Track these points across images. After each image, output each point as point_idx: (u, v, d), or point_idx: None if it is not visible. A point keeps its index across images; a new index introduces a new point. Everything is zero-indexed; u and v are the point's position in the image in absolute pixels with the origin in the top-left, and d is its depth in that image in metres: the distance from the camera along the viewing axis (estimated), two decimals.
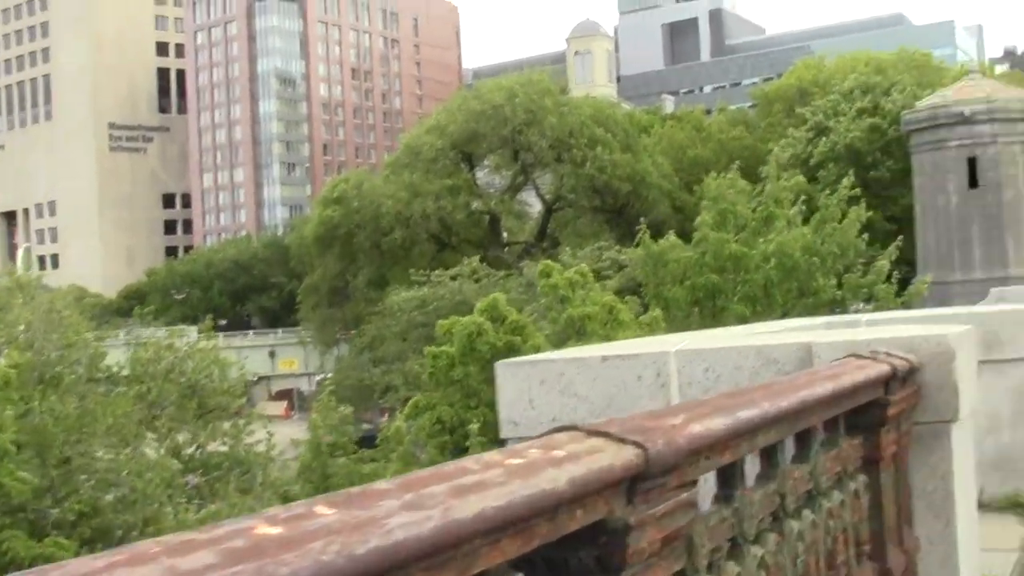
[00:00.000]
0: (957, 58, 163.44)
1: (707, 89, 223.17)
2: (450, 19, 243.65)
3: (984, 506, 10.57)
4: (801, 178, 33.28)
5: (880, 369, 5.85)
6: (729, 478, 4.30)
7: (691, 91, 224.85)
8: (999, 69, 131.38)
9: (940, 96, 64.79)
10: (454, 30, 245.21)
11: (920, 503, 6.58)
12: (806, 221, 30.59)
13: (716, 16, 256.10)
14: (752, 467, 4.68)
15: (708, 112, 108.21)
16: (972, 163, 61.52)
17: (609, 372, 7.15)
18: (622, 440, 3.24)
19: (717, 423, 3.91)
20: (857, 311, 29.05)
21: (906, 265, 68.37)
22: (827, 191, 74.12)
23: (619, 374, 7.12)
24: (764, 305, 26.41)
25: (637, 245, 30.57)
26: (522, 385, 7.23)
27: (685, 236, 31.33)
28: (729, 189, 30.24)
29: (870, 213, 73.24)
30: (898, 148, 69.51)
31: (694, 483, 3.81)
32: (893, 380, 5.96)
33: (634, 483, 3.25)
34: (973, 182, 61.39)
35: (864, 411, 5.82)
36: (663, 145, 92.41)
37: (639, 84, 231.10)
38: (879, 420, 5.89)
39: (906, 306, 29.11)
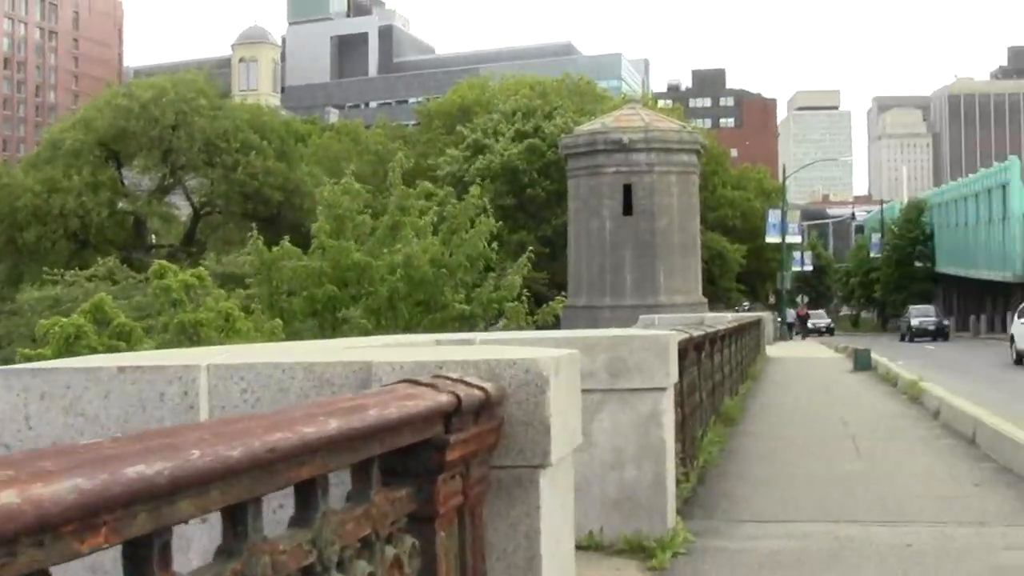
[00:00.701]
0: (622, 90, 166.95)
1: (373, 104, 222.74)
2: (113, 15, 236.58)
3: (604, 548, 9.56)
4: (428, 184, 31.40)
5: (437, 400, 4.31)
6: (139, 563, 2.67)
7: (357, 105, 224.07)
8: (662, 103, 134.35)
9: (599, 123, 65.19)
10: (116, 26, 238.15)
11: (499, 566, 5.13)
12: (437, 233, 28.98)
13: (386, 33, 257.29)
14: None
15: (369, 127, 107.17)
16: (628, 190, 61.97)
17: (126, 387, 5.49)
18: None
19: (63, 489, 2.26)
20: (494, 329, 27.87)
21: (558, 288, 68.58)
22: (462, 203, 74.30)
23: (138, 390, 5.47)
24: (389, 319, 24.88)
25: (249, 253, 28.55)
26: (17, 399, 5.50)
27: None
28: (344, 195, 28.36)
29: (524, 233, 73.76)
30: (556, 171, 69.63)
31: None
32: (458, 414, 4.44)
33: None
34: (628, 209, 61.86)
35: (414, 453, 4.28)
36: (320, 156, 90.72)
37: (304, 95, 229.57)
38: (435, 465, 4.36)
39: (541, 327, 27.99)
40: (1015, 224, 74.17)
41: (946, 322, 79.53)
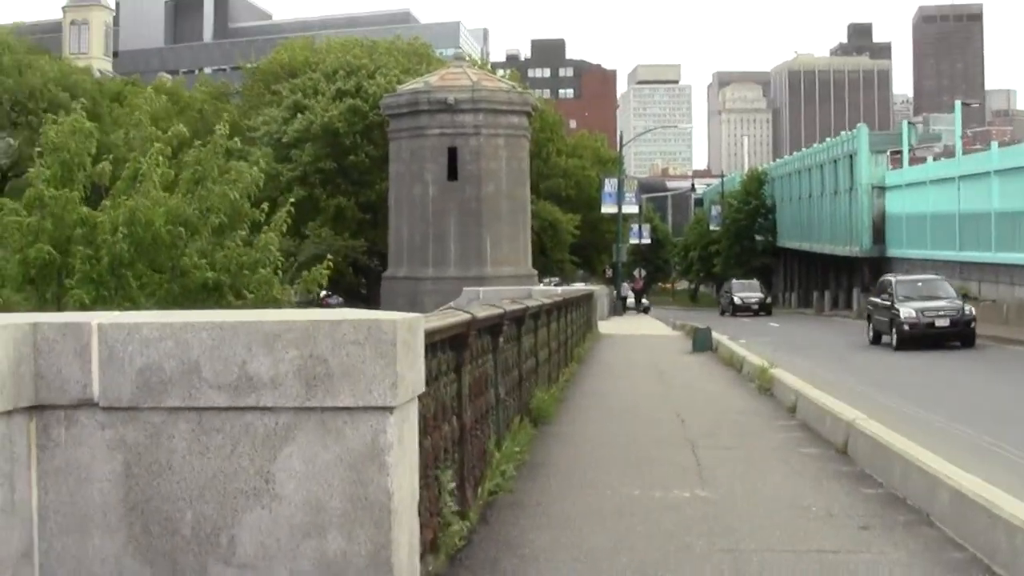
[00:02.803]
0: None
1: (208, 71, 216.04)
2: None
3: None
4: (182, 128, 26.13)
5: None
6: None
7: (191, 71, 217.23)
8: (501, 74, 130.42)
9: (423, 81, 61.24)
10: None
11: None
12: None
13: None
14: None
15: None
16: (452, 154, 58.33)
17: None
18: None
19: None
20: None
21: (379, 257, 64.40)
22: (293, 168, 69.47)
23: None
24: (114, 290, 20.15)
25: None
26: None
27: None
28: (74, 135, 23.36)
29: (344, 199, 69.29)
30: (379, 134, 65.33)
31: None
32: None
33: None
34: (453, 174, 58.26)
35: None
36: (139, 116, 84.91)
37: (138, 60, 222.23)
38: None
39: (304, 303, 23.36)
40: (863, 196, 71.09)
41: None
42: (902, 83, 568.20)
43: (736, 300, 76.81)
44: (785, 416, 18.26)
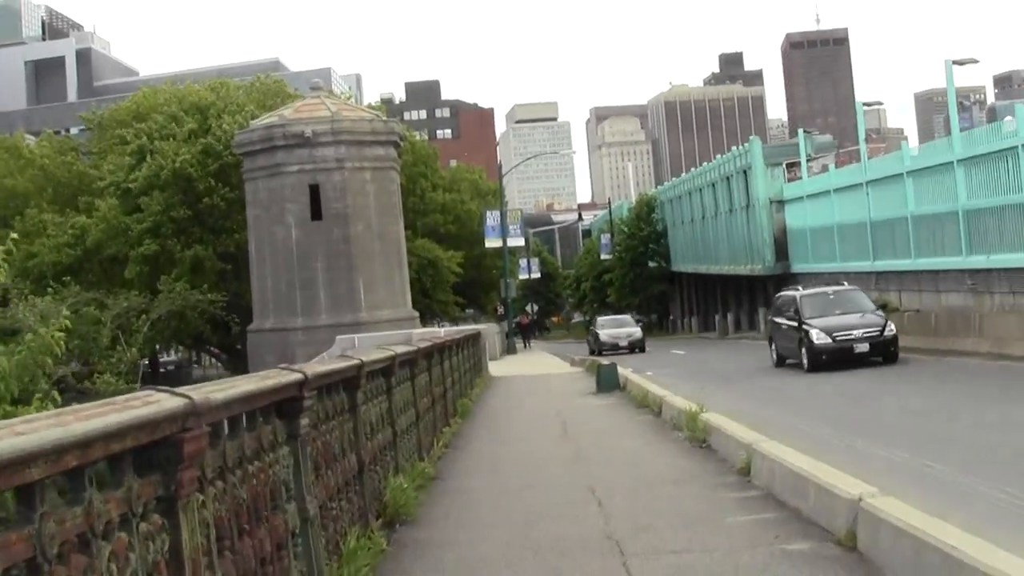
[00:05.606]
0: None
1: (74, 130, 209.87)
2: None
3: None
4: None
5: None
6: None
7: (58, 132, 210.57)
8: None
9: (278, 115, 55.96)
10: None
11: None
12: None
13: (85, 56, 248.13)
14: None
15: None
16: (315, 191, 52.99)
17: None
18: None
19: None
20: None
21: (243, 312, 58.71)
22: (142, 219, 63.80)
23: None
24: None
25: None
26: None
27: None
28: None
29: (201, 248, 63.66)
30: (236, 175, 59.62)
31: None
32: None
33: None
34: (317, 213, 53.00)
35: None
36: None
37: (0, 123, 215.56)
38: None
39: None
40: (761, 212, 66.53)
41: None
42: (776, 108, 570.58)
43: (814, 336, 35.41)
44: (737, 482, 13.35)
